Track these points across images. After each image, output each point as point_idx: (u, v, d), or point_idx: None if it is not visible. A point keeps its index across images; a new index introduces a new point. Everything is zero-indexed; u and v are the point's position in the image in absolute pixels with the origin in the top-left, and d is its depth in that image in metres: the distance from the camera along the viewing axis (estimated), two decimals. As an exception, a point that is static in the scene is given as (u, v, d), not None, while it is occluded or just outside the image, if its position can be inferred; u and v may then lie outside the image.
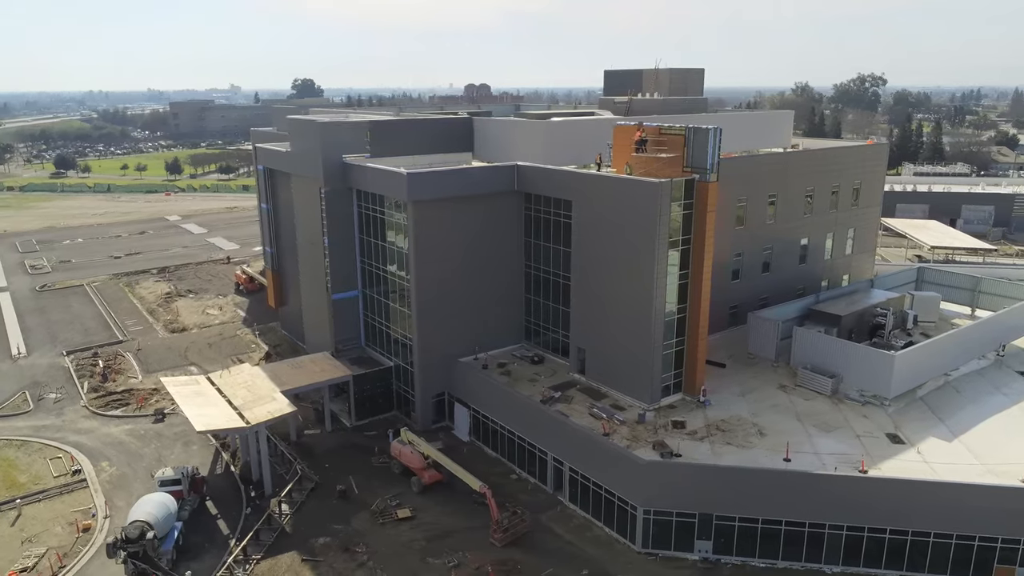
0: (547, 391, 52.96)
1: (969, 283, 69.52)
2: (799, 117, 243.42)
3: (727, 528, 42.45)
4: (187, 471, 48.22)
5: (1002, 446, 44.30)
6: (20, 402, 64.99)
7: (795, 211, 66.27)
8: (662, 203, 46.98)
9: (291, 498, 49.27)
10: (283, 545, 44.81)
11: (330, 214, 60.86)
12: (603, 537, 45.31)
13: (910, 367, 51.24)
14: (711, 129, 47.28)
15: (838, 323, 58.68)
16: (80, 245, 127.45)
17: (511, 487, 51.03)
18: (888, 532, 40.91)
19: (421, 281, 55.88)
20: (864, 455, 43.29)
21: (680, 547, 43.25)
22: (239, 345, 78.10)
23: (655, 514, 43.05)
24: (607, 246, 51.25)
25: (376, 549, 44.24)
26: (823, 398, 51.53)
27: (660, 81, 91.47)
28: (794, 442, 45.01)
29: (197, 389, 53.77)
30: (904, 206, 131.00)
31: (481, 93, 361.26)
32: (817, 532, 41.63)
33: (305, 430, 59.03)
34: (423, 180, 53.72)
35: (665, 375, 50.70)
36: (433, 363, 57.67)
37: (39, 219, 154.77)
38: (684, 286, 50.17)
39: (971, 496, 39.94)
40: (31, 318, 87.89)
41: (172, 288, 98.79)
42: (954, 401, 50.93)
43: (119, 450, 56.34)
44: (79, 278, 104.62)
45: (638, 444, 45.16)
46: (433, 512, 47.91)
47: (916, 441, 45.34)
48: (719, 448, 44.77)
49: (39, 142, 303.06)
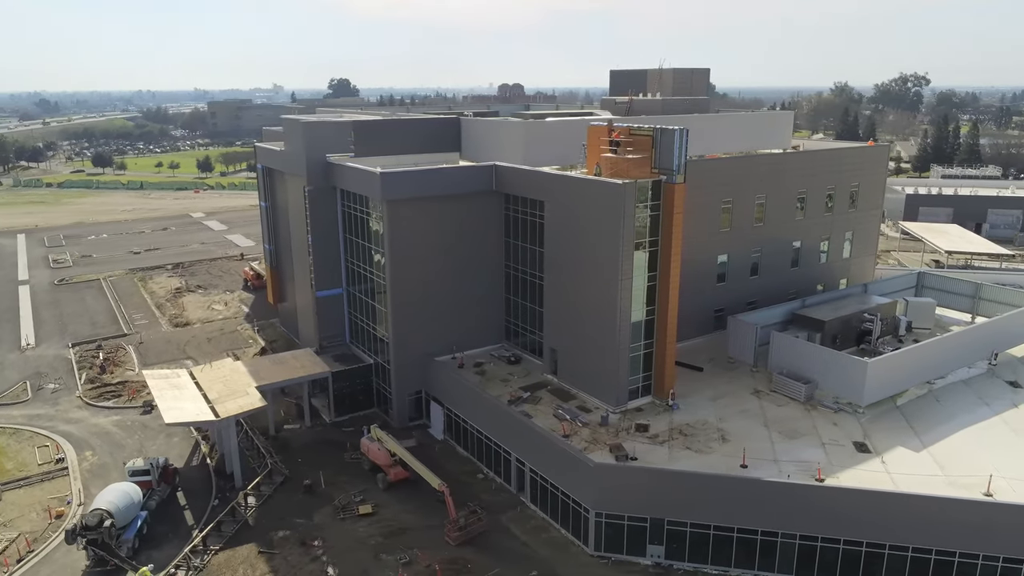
0: (517, 391, 53.00)
1: (969, 289, 67.50)
2: (835, 117, 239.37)
3: (679, 533, 41.99)
4: (157, 462, 49.39)
5: (971, 458, 42.97)
6: (20, 391, 67.30)
7: (786, 214, 65.13)
8: (626, 204, 46.63)
9: (259, 491, 50.17)
10: (244, 537, 45.66)
11: (313, 212, 61.75)
12: (559, 539, 45.18)
13: (886, 375, 50.06)
14: (677, 130, 46.75)
15: (821, 328, 57.53)
16: (104, 240, 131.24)
17: (477, 486, 51.19)
18: (842, 543, 40.02)
19: (396, 280, 56.35)
20: (821, 463, 42.42)
21: (632, 551, 42.91)
22: (237, 340, 79.64)
23: (607, 517, 42.78)
24: (576, 247, 51.08)
25: (332, 544, 44.79)
26: (796, 404, 50.58)
27: (664, 81, 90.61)
28: (756, 449, 44.36)
29: (176, 382, 55.05)
30: (927, 209, 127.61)
31: (514, 92, 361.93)
32: (770, 540, 40.93)
33: (285, 425, 60.01)
34: (397, 179, 54.16)
35: (633, 378, 50.33)
36: (409, 362, 58.10)
37: (71, 215, 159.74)
38: (653, 288, 49.80)
39: (927, 508, 38.90)
40: (45, 310, 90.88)
41: (183, 283, 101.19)
42: (932, 411, 49.53)
43: (104, 440, 57.98)
44: (97, 272, 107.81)
45: (596, 447, 44.90)
46: (394, 509, 48.32)
47: (883, 451, 44.24)
48: (677, 453, 44.29)
49: (82, 140, 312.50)
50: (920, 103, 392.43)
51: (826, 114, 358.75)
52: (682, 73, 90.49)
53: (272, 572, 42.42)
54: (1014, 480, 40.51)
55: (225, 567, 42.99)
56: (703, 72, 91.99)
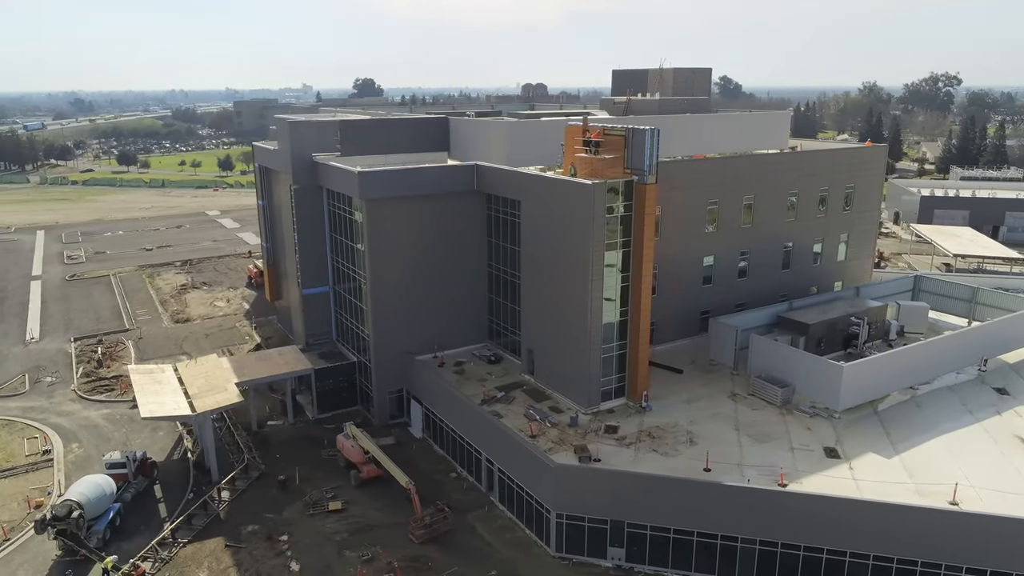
0: (492, 391, 53.04)
1: (966, 294, 66.11)
2: (861, 118, 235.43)
3: (639, 536, 41.73)
4: (134, 455, 50.27)
5: (943, 466, 42.09)
6: (18, 384, 68.97)
7: (776, 215, 64.32)
8: (595, 205, 46.42)
9: (234, 485, 50.85)
10: (214, 531, 46.31)
11: (300, 211, 62.40)
12: (523, 540, 45.15)
13: (863, 380, 49.21)
14: (647, 130, 46.43)
15: (806, 332, 56.76)
16: (119, 237, 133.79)
17: (449, 485, 51.36)
18: (803, 549, 39.45)
19: (376, 278, 56.72)
20: (788, 468, 41.86)
21: (593, 553, 42.73)
22: (234, 337, 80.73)
23: (568, 518, 42.67)
24: (549, 247, 51.01)
25: (298, 539, 45.25)
26: (772, 409, 49.96)
27: (664, 81, 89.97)
28: (723, 452, 43.91)
29: (158, 377, 55.98)
30: (942, 212, 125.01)
31: (537, 92, 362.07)
32: (730, 545, 40.47)
33: (269, 421, 60.71)
34: (376, 178, 54.51)
35: (606, 379, 50.10)
36: (390, 360, 58.44)
37: (91, 212, 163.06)
38: (627, 289, 49.51)
39: (888, 516, 38.16)
40: (53, 305, 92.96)
41: (188, 280, 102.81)
42: (911, 417, 48.58)
43: (92, 433, 59.16)
44: (108, 269, 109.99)
45: (561, 447, 44.77)
46: (363, 506, 48.65)
47: (852, 456, 43.51)
48: (642, 455, 43.99)
49: (110, 139, 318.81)
50: (951, 103, 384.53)
51: (853, 114, 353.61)
52: (682, 73, 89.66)
53: (236, 566, 42.97)
54: (984, 490, 39.63)
55: (191, 560, 43.65)
56: (704, 72, 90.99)
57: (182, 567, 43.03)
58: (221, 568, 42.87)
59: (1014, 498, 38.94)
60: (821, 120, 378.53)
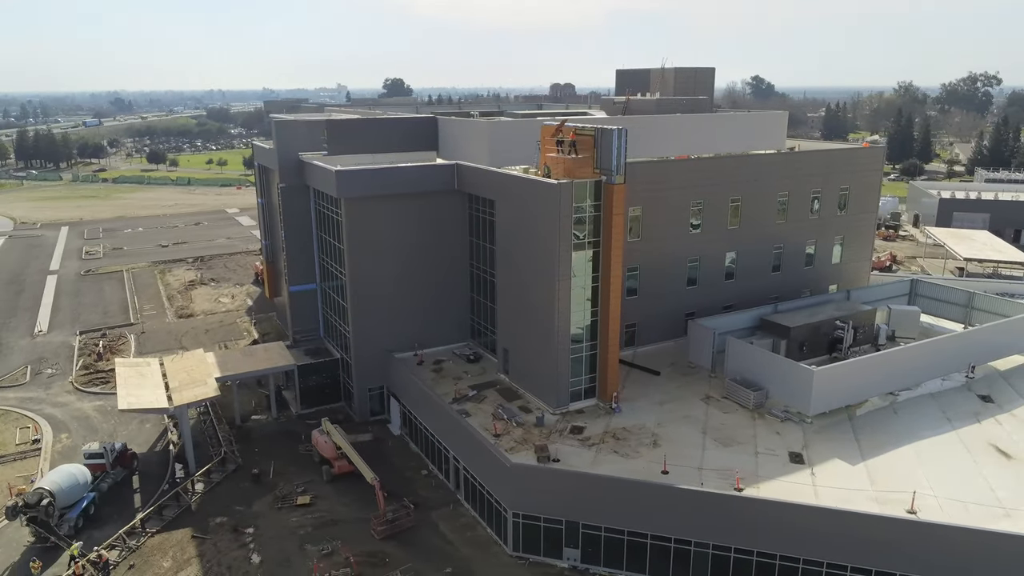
0: (465, 390, 53.23)
1: (962, 298, 64.53)
2: (890, 118, 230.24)
3: (594, 537, 41.57)
4: (112, 446, 51.49)
5: (908, 474, 41.18)
6: (20, 375, 71.07)
7: (765, 216, 63.48)
8: (562, 204, 46.33)
9: (209, 478, 51.81)
10: (184, 521, 47.25)
11: (286, 209, 63.32)
12: (483, 538, 45.26)
13: (836, 384, 48.37)
14: (614, 130, 46.17)
15: (787, 335, 55.98)
16: (138, 234, 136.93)
17: (419, 482, 51.69)
18: (755, 555, 38.95)
19: (356, 276, 57.30)
20: (749, 472, 41.36)
21: (549, 553, 42.67)
22: (233, 332, 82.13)
23: (524, 518, 42.66)
24: (521, 246, 51.07)
25: (263, 532, 45.95)
26: (744, 412, 49.35)
27: (666, 81, 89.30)
28: (685, 455, 43.52)
29: (143, 371, 57.25)
30: (962, 215, 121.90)
31: (565, 92, 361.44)
32: (683, 548, 40.12)
33: (253, 415, 61.68)
34: (353, 177, 55.07)
35: (575, 380, 49.96)
36: (369, 357, 58.97)
37: (116, 209, 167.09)
38: (596, 290, 49.32)
39: (842, 523, 37.46)
40: (65, 299, 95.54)
41: (197, 276, 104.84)
42: (885, 424, 47.60)
43: (82, 423, 60.73)
44: (122, 264, 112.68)
45: (523, 447, 44.76)
46: (331, 501, 49.21)
47: (817, 462, 42.79)
48: (603, 456, 43.79)
49: (144, 137, 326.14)
50: (990, 104, 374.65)
51: (887, 115, 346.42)
52: (684, 72, 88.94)
53: (199, 556, 43.78)
54: (947, 499, 38.71)
55: (158, 549, 44.60)
56: (707, 72, 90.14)
57: (148, 556, 43.98)
58: (185, 558, 43.72)
59: (976, 508, 37.99)
60: (854, 121, 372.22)
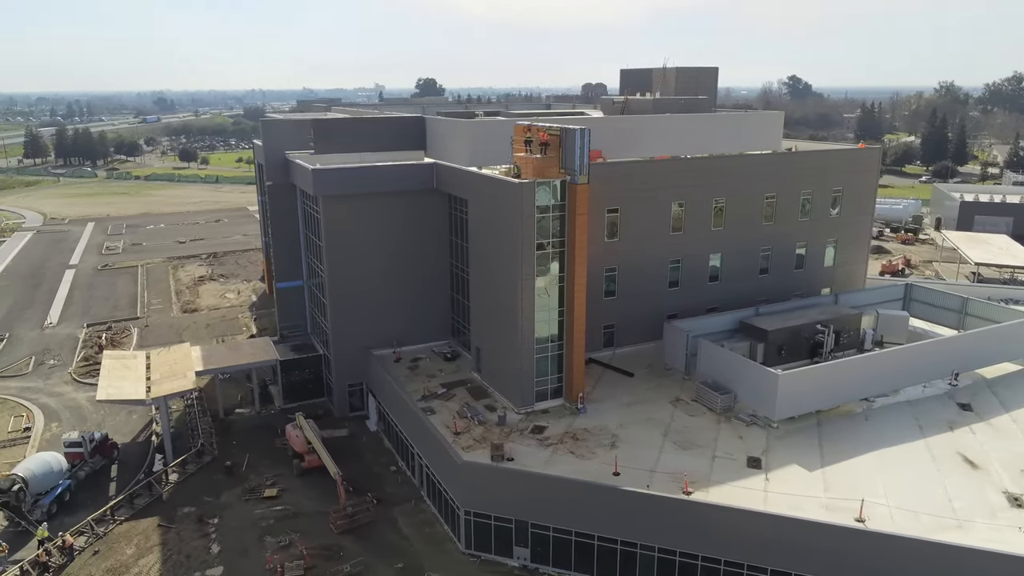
0: (436, 388, 53.60)
1: (956, 304, 62.83)
2: (936, 119, 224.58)
3: (543, 537, 41.57)
4: (91, 436, 52.98)
5: (865, 482, 40.32)
6: (23, 365, 73.48)
7: (751, 218, 62.64)
8: (523, 204, 46.40)
9: (184, 469, 53.03)
10: (153, 510, 48.46)
11: (273, 207, 64.44)
12: (440, 535, 45.55)
13: (804, 389, 47.55)
14: (577, 130, 46.09)
15: (764, 338, 55.22)
16: (159, 230, 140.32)
17: (387, 478, 52.21)
18: (700, 559, 38.57)
19: (334, 274, 58.05)
20: (702, 476, 40.98)
21: (501, 552, 42.80)
22: (233, 327, 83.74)
23: (475, 516, 42.84)
24: (489, 246, 51.28)
25: (227, 523, 46.88)
26: (711, 415, 48.84)
27: (667, 81, 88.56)
28: (641, 457, 43.25)
29: (128, 364, 58.79)
30: (983, 218, 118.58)
31: (596, 92, 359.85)
32: (630, 551, 39.89)
33: (237, 409, 62.89)
34: (330, 175, 55.84)
35: (541, 379, 49.98)
36: (348, 354, 59.69)
37: (143, 206, 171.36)
38: (562, 290, 49.26)
39: (786, 529, 36.92)
40: (78, 293, 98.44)
41: (207, 272, 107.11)
42: (853, 430, 46.67)
43: (73, 413, 62.58)
44: (138, 260, 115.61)
45: (481, 446, 44.92)
46: (298, 494, 49.98)
47: (775, 467, 42.20)
48: (558, 457, 43.73)
49: (180, 136, 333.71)
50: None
51: (927, 116, 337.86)
52: (686, 72, 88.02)
53: (162, 544, 44.88)
54: (898, 509, 37.87)
55: (123, 537, 45.82)
56: (710, 71, 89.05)
57: (113, 543, 45.21)
58: (148, 546, 44.85)
59: (928, 518, 37.10)
60: (892, 122, 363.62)
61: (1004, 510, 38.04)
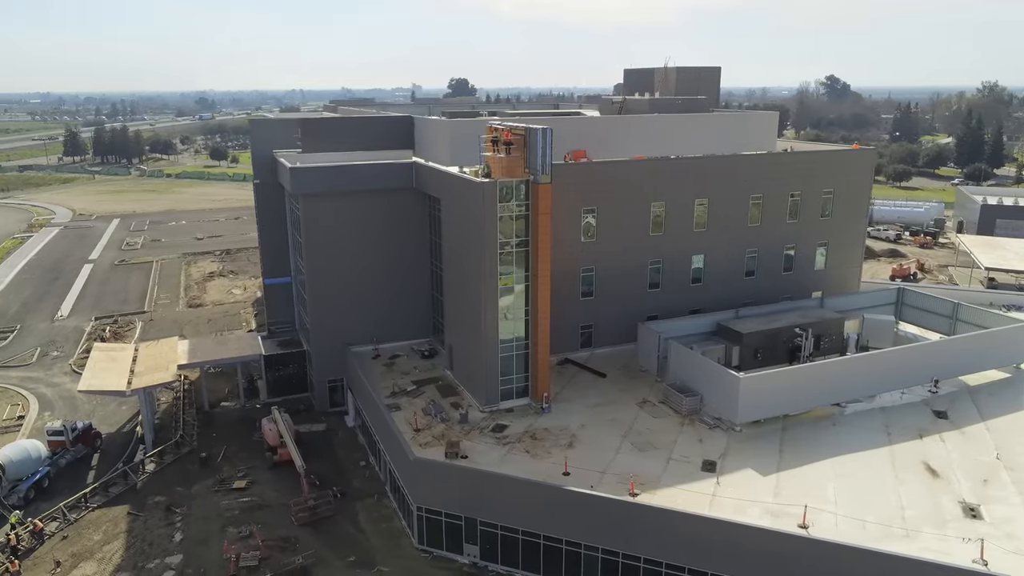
0: (407, 384, 54.13)
1: (947, 309, 61.35)
2: (964, 119, 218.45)
3: (491, 535, 41.74)
4: (74, 425, 54.63)
5: (817, 489, 39.67)
6: (28, 356, 75.99)
7: (736, 220, 61.98)
8: (486, 203, 46.59)
9: (162, 459, 54.39)
10: (125, 499, 49.80)
11: (260, 204, 65.70)
12: (396, 530, 45.98)
13: (768, 392, 46.90)
14: (539, 130, 46.14)
15: (740, 341, 54.62)
16: (180, 227, 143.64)
17: (356, 473, 52.83)
18: (642, 561, 38.35)
19: (314, 270, 58.92)
20: (653, 478, 40.73)
21: (451, 548, 43.09)
22: (233, 322, 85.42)
23: (427, 512, 43.18)
24: (458, 244, 51.63)
25: (193, 512, 47.97)
26: (676, 417, 48.46)
27: (668, 80, 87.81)
28: (596, 458, 43.14)
29: (115, 356, 60.44)
30: (1005, 222, 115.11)
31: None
32: (574, 551, 39.84)
33: (223, 402, 64.20)
34: (308, 174, 56.71)
35: (507, 378, 50.09)
36: (328, 350, 60.49)
37: (169, 203, 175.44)
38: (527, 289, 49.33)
39: (725, 534, 36.52)
40: (92, 287, 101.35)
41: (218, 268, 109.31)
42: (819, 436, 45.89)
43: (67, 403, 64.53)
44: (154, 256, 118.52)
45: (439, 443, 45.21)
46: (266, 486, 50.90)
47: (729, 471, 41.76)
48: (512, 455, 43.83)
49: (215, 134, 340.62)
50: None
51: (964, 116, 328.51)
52: (686, 72, 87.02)
53: (128, 531, 46.12)
54: (846, 516, 37.15)
55: (93, 523, 47.20)
56: (712, 71, 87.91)
57: (82, 529, 46.60)
58: (115, 532, 46.14)
59: (874, 527, 36.36)
60: (932, 122, 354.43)
61: (956, 520, 37.10)
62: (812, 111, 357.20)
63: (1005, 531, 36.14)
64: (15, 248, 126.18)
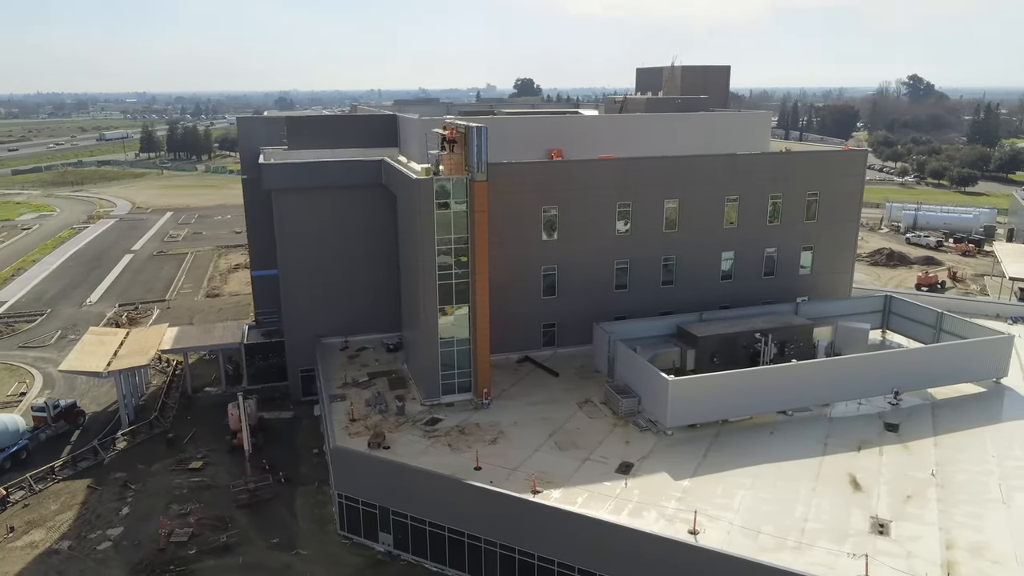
0: (361, 376, 55.51)
1: (931, 318, 58.53)
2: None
3: (402, 525, 42.53)
4: (56, 403, 58.27)
5: (723, 496, 38.92)
6: (47, 338, 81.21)
7: (710, 221, 60.84)
8: (422, 200, 47.38)
9: (134, 438, 57.48)
10: (90, 473, 52.90)
11: (248, 199, 68.26)
12: (327, 516, 47.20)
13: (700, 397, 45.99)
14: (474, 128, 46.60)
15: (695, 344, 53.64)
16: (224, 220, 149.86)
17: (306, 460, 54.47)
18: (536, 558, 38.42)
19: (286, 264, 60.95)
20: (564, 478, 40.73)
21: (370, 536, 44.08)
22: (242, 312, 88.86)
23: (347, 499, 44.31)
24: (407, 240, 52.60)
25: (147, 489, 50.58)
26: (612, 419, 48.18)
27: (674, 79, 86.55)
28: (512, 456, 43.44)
29: (105, 339, 64.11)
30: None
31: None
32: (475, 544, 40.22)
33: (206, 387, 67.15)
34: (278, 170, 58.75)
35: (449, 373, 50.77)
36: (300, 341, 62.45)
37: (222, 197, 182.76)
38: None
39: (612, 536, 36.21)
40: (126, 276, 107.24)
41: (244, 261, 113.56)
42: (750, 444, 44.75)
43: (67, 383, 68.69)
44: (191, 248, 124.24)
45: (367, 433, 46.29)
46: (218, 468, 53.14)
47: (643, 474, 41.35)
48: (433, 448, 44.53)
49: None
50: None
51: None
52: (692, 71, 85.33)
53: (82, 504, 49.03)
54: (742, 526, 36.32)
55: (54, 494, 50.37)
56: (720, 70, 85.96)
57: (43, 499, 49.81)
58: (71, 504, 49.14)
59: (767, 538, 35.41)
60: (1020, 124, 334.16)
61: (859, 536, 35.70)
62: (886, 112, 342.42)
63: (907, 549, 34.67)
64: (69, 238, 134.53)
